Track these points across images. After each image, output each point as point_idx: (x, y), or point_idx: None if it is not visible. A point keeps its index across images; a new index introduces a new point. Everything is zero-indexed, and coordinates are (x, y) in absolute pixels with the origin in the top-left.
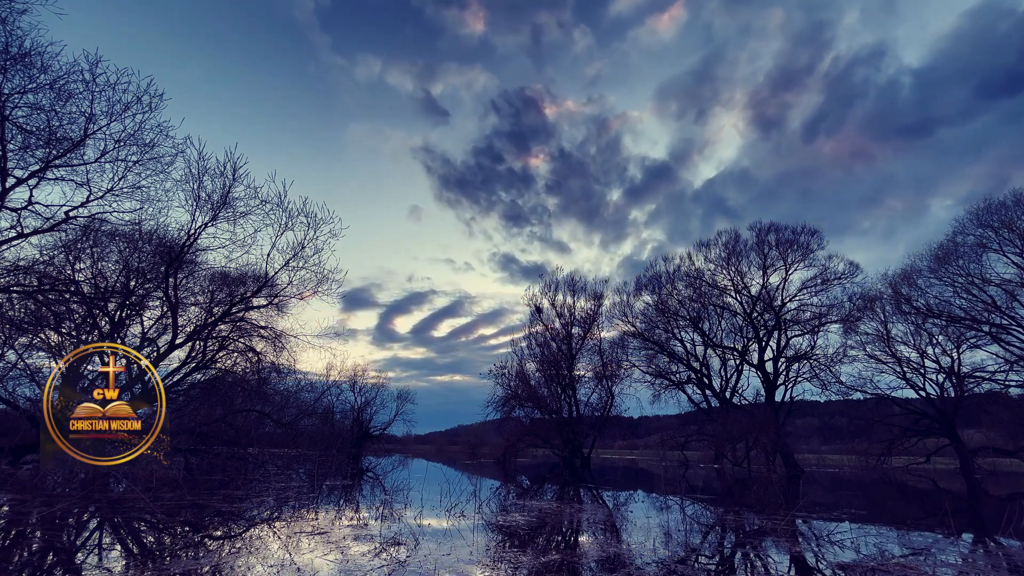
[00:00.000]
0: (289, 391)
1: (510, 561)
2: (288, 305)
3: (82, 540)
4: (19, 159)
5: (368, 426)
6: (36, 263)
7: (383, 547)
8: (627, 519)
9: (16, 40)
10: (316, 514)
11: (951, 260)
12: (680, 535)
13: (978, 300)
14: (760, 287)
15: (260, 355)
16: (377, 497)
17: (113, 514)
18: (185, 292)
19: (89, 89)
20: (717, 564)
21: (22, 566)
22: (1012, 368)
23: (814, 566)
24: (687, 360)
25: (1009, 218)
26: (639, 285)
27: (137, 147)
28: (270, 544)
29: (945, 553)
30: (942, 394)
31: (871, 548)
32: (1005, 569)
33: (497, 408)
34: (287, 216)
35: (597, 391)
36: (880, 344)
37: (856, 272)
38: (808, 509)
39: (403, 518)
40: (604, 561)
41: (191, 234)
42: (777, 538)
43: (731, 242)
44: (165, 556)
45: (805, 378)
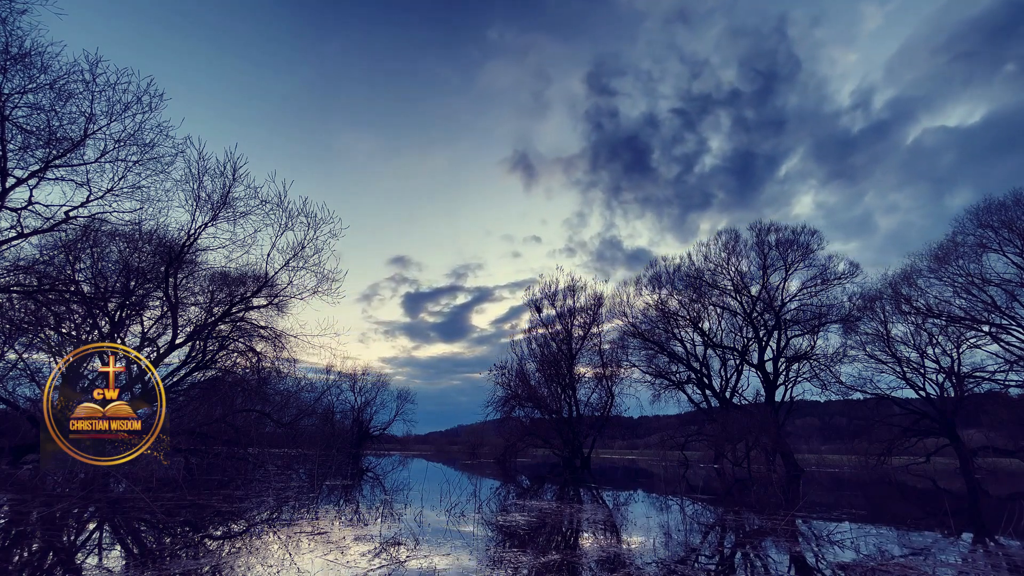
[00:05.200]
0: (289, 391)
1: (510, 561)
2: (288, 305)
3: (82, 540)
4: (19, 159)
5: (368, 426)
6: (36, 263)
7: (383, 547)
8: (627, 519)
9: (16, 40)
10: (316, 514)
11: (951, 260)
12: (680, 535)
13: (978, 300)
14: (760, 287)
15: (260, 355)
16: (377, 497)
17: (113, 514)
18: (185, 292)
19: (89, 89)
20: (717, 564)
21: (22, 566)
22: (1012, 368)
23: (814, 566)
24: (687, 360)
25: (1009, 218)
26: (639, 285)
27: (137, 147)
28: (270, 544)
29: (945, 553)
30: (942, 394)
31: (871, 548)
32: (1005, 569)
33: (497, 408)
34: (287, 216)
35: (597, 391)
36: (880, 344)
37: (856, 272)
38: (808, 509)
39: (403, 518)
40: (604, 561)
41: (191, 234)
42: (777, 538)
43: (731, 242)
44: (165, 556)
45: (805, 378)
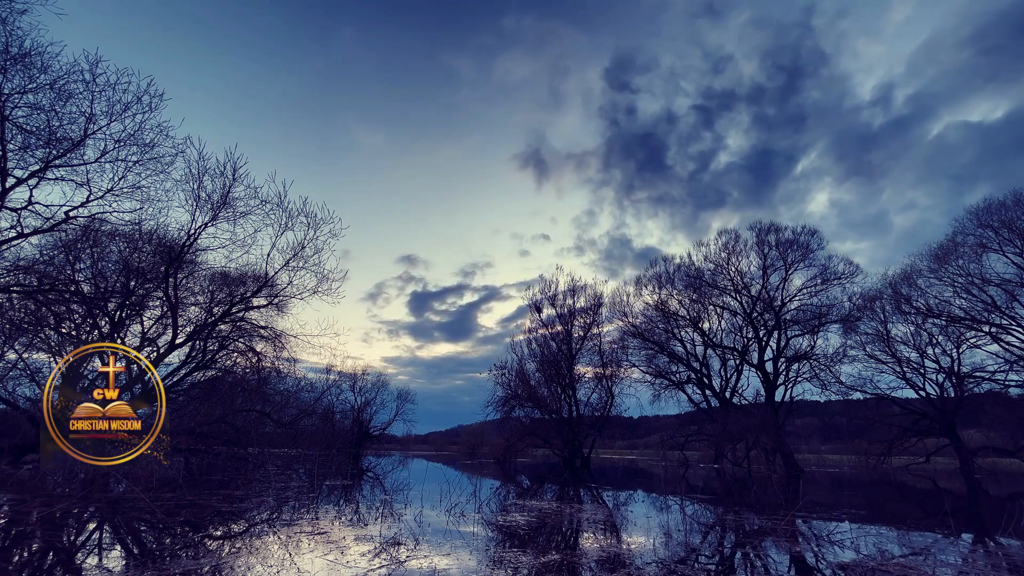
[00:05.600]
0: (289, 391)
1: (510, 561)
2: (288, 305)
3: (82, 540)
4: (19, 159)
5: (368, 426)
6: (36, 263)
7: (383, 547)
8: (627, 519)
9: (16, 40)
10: (316, 514)
11: (951, 260)
12: (680, 535)
13: (978, 300)
14: (760, 287)
15: (260, 355)
16: (377, 497)
17: (113, 514)
18: (185, 292)
19: (89, 89)
20: (717, 564)
21: (22, 566)
22: (1012, 368)
23: (814, 566)
24: (687, 360)
25: (1009, 218)
26: (639, 285)
27: (137, 147)
28: (270, 544)
29: (945, 553)
30: (942, 394)
31: (871, 548)
32: (1005, 569)
33: (497, 408)
34: (287, 216)
35: (597, 391)
36: (880, 344)
37: (856, 272)
38: (808, 509)
39: (403, 518)
40: (604, 561)
41: (191, 234)
42: (777, 538)
43: (731, 242)
44: (165, 556)
45: (805, 378)
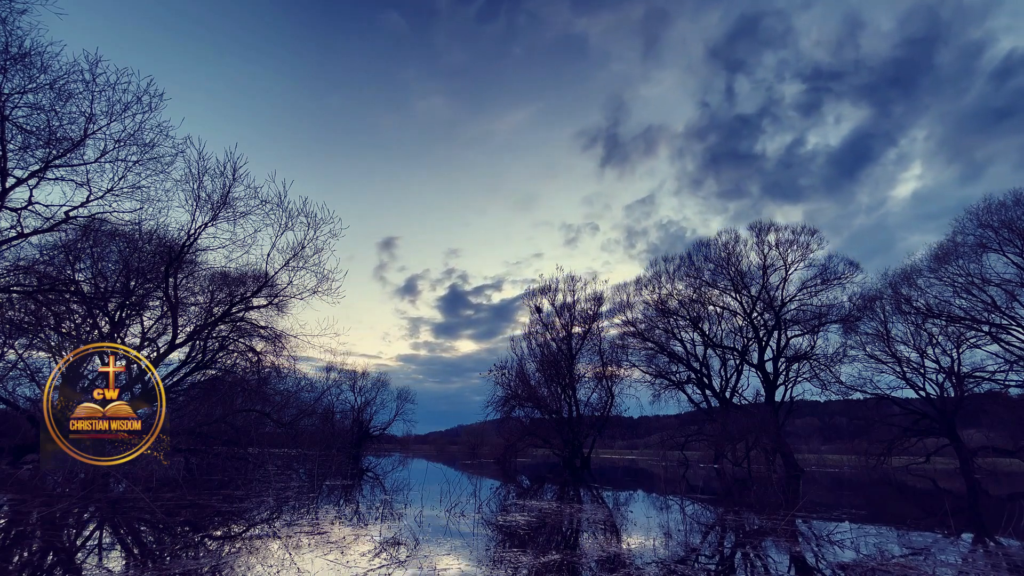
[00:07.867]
0: (289, 391)
1: (510, 561)
2: (288, 305)
3: (82, 540)
4: (19, 159)
5: (368, 426)
6: (36, 263)
7: (383, 547)
8: (627, 519)
9: (16, 40)
10: (316, 514)
11: (951, 260)
12: (680, 535)
13: (978, 300)
14: (760, 287)
15: (260, 355)
16: (377, 497)
17: (113, 514)
18: (185, 292)
19: (89, 89)
20: (717, 564)
21: (22, 566)
22: (1012, 368)
23: (814, 566)
24: (687, 360)
25: (1009, 218)
26: (639, 284)
27: (137, 147)
28: (270, 544)
29: (945, 553)
30: (942, 394)
31: (871, 548)
32: (1005, 569)
33: (497, 408)
34: (287, 216)
35: (597, 391)
36: (880, 344)
37: (856, 272)
38: (808, 509)
39: (403, 518)
40: (604, 561)
41: (191, 234)
42: (777, 538)
43: (731, 242)
44: (165, 556)
45: (805, 378)
